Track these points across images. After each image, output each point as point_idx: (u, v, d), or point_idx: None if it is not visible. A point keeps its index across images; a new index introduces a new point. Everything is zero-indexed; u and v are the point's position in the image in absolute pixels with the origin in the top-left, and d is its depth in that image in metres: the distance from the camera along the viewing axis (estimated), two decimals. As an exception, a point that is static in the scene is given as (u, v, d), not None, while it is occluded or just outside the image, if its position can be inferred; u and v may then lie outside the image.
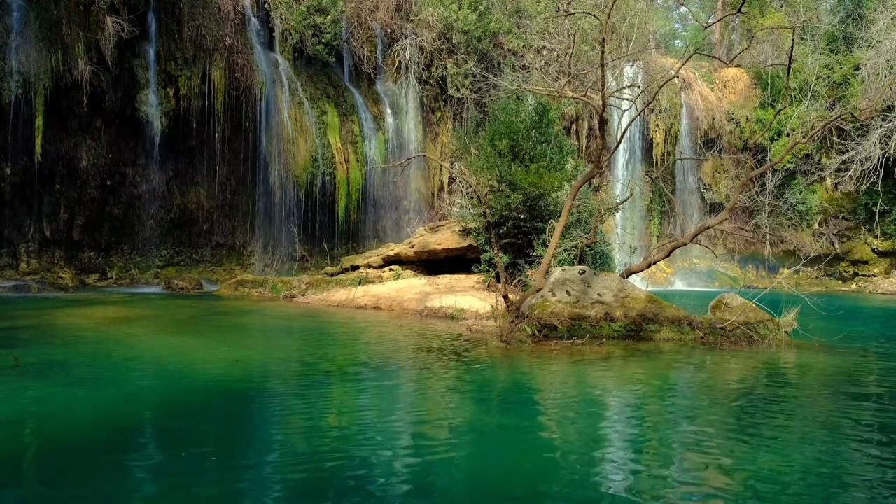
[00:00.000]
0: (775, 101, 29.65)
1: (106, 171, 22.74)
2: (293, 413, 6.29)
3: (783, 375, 8.80)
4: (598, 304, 11.37)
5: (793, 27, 13.01)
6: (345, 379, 8.10)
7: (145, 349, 9.92)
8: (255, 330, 13.19)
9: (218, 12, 23.55)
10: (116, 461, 4.89)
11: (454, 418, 6.24)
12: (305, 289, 19.30)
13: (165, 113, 22.77)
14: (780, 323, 11.17)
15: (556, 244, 11.60)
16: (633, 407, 6.94)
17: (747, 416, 6.35)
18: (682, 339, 10.92)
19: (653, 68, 28.78)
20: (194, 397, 6.89)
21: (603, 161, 12.69)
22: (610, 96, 11.94)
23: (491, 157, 17.20)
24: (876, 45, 26.57)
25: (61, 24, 20.51)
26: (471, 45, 27.03)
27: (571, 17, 17.70)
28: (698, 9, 41.05)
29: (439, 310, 14.67)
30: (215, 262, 25.23)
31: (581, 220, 16.29)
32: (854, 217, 29.40)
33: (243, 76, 23.85)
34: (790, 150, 13.31)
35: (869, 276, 28.91)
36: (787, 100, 16.83)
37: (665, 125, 30.18)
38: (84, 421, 5.88)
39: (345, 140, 25.90)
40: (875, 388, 8.02)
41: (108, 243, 23.51)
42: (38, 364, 8.14)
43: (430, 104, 28.16)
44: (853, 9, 29.22)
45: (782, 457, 5.10)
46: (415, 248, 19.59)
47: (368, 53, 26.99)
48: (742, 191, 13.36)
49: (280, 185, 24.51)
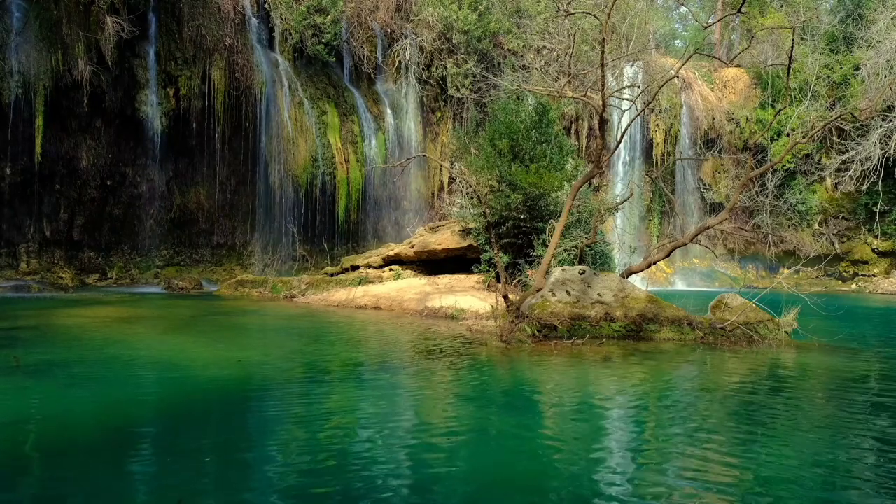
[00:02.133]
0: (775, 101, 29.65)
1: (106, 171, 22.74)
2: (293, 413, 6.29)
3: (783, 375, 8.80)
4: (598, 304, 11.37)
5: (793, 27, 13.01)
6: (345, 379, 8.10)
7: (145, 349, 9.91)
8: (255, 330, 13.18)
9: (218, 12, 23.55)
10: (116, 462, 4.89)
11: (454, 418, 6.24)
12: (305, 289, 19.30)
13: (165, 113, 22.78)
14: (780, 323, 11.17)
15: (556, 244, 11.60)
16: (633, 407, 6.94)
17: (747, 417, 6.36)
18: (682, 339, 10.92)
19: (653, 68, 28.79)
20: (194, 398, 6.89)
21: (603, 161, 12.68)
22: (610, 96, 11.94)
23: (491, 157, 17.21)
24: (876, 45, 26.57)
25: (61, 24, 20.51)
26: (471, 45, 27.04)
27: (571, 17, 17.70)
28: (698, 9, 41.07)
29: (439, 310, 14.67)
30: (215, 262, 25.23)
31: (581, 220, 16.29)
32: (854, 217, 29.40)
33: (243, 76, 23.86)
34: (790, 150, 13.31)
35: (869, 276, 28.91)
36: (787, 100, 16.83)
37: (665, 125, 30.18)
38: (84, 421, 5.88)
39: (345, 140, 25.91)
40: (875, 388, 8.02)
41: (108, 243, 23.52)
42: (39, 364, 8.14)
43: (430, 104, 28.16)
44: (853, 9, 29.22)
45: (782, 457, 5.10)
46: (415, 248, 19.59)
47: (368, 53, 27.00)
48: (742, 191, 13.36)
49: (280, 185, 24.51)
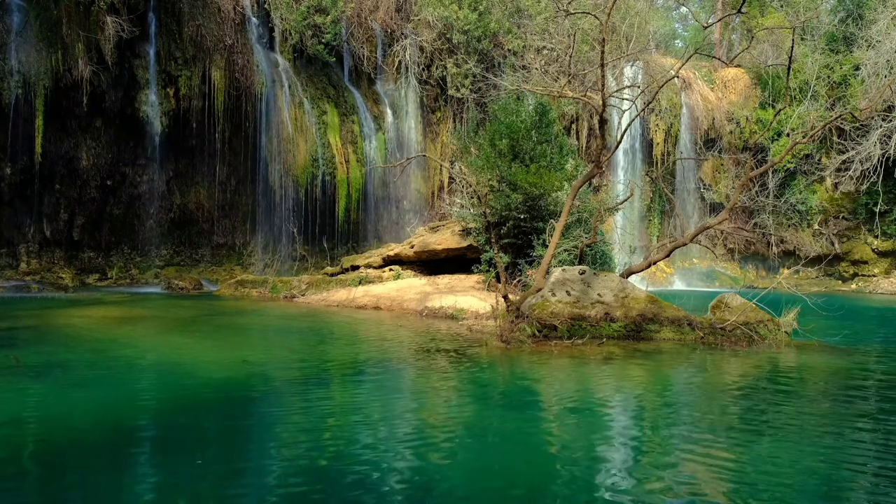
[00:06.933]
0: (775, 101, 29.64)
1: (106, 171, 22.74)
2: (294, 413, 6.29)
3: (783, 375, 8.80)
4: (598, 304, 11.36)
5: (793, 27, 13.03)
6: (345, 379, 8.10)
7: (145, 349, 9.91)
8: (255, 330, 13.18)
9: (218, 12, 23.55)
10: (116, 462, 4.89)
11: (454, 418, 6.24)
12: (305, 289, 19.29)
13: (165, 113, 22.77)
14: (781, 323, 11.16)
15: (556, 244, 11.60)
16: (633, 407, 6.94)
17: (747, 417, 6.36)
18: (682, 339, 10.92)
19: (653, 68, 28.77)
20: (194, 398, 6.89)
21: (603, 161, 12.68)
22: (610, 96, 11.94)
23: (491, 157, 17.21)
24: (876, 45, 26.55)
25: (61, 24, 20.50)
26: (471, 45, 27.03)
27: (571, 17, 17.72)
28: (698, 9, 41.06)
29: (439, 310, 14.67)
30: (215, 262, 25.22)
31: (581, 220, 16.28)
32: (854, 217, 29.38)
33: (243, 76, 23.85)
34: (790, 150, 13.30)
35: (869, 276, 28.89)
36: (787, 100, 16.82)
37: (665, 125, 30.18)
38: (84, 422, 5.88)
39: (345, 140, 25.91)
40: (875, 388, 8.02)
41: (108, 243, 23.51)
42: (38, 364, 8.14)
43: (430, 104, 28.16)
44: (853, 9, 29.20)
45: (782, 457, 5.10)
46: (415, 248, 19.58)
47: (368, 53, 27.00)
48: (742, 191, 13.36)
49: (280, 185, 24.51)
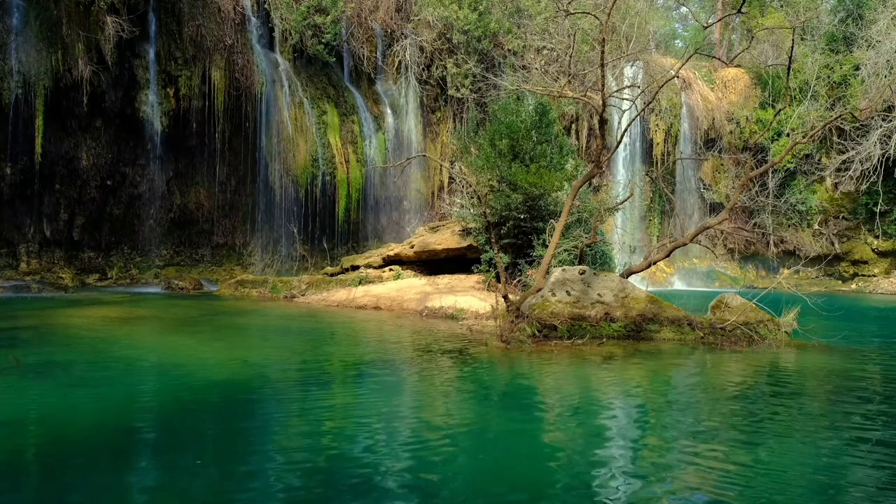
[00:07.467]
0: (775, 101, 29.64)
1: (106, 171, 22.74)
2: (294, 414, 6.29)
3: (783, 376, 8.80)
4: (598, 304, 11.36)
5: (793, 27, 13.03)
6: (345, 379, 8.10)
7: (145, 349, 9.91)
8: (256, 330, 13.18)
9: (218, 12, 23.55)
10: (116, 462, 4.89)
11: (454, 418, 6.24)
12: (305, 289, 19.29)
13: (165, 113, 22.77)
14: (781, 323, 11.16)
15: (556, 244, 11.60)
16: (633, 407, 6.94)
17: (747, 417, 6.36)
18: (682, 340, 10.92)
19: (653, 68, 28.78)
20: (194, 398, 6.88)
21: (603, 161, 12.69)
22: (610, 96, 11.95)
23: (491, 157, 17.21)
24: (876, 45, 26.55)
25: (61, 24, 20.50)
26: (471, 45, 27.03)
27: (571, 17, 17.72)
28: (698, 9, 41.06)
29: (439, 310, 14.67)
30: (215, 262, 25.22)
31: (581, 220, 16.28)
32: (854, 217, 29.38)
33: (243, 76, 23.85)
34: (790, 150, 13.30)
35: (869, 276, 28.89)
36: (787, 100, 16.82)
37: (665, 125, 30.18)
38: (84, 422, 5.88)
39: (345, 140, 25.90)
40: (875, 388, 8.02)
41: (108, 243, 23.51)
42: (38, 364, 8.14)
43: (430, 104, 28.15)
44: (853, 9, 29.20)
45: (783, 457, 5.10)
46: (415, 248, 19.58)
47: (368, 53, 26.99)
48: (742, 191, 13.37)
49: (280, 185, 24.51)
